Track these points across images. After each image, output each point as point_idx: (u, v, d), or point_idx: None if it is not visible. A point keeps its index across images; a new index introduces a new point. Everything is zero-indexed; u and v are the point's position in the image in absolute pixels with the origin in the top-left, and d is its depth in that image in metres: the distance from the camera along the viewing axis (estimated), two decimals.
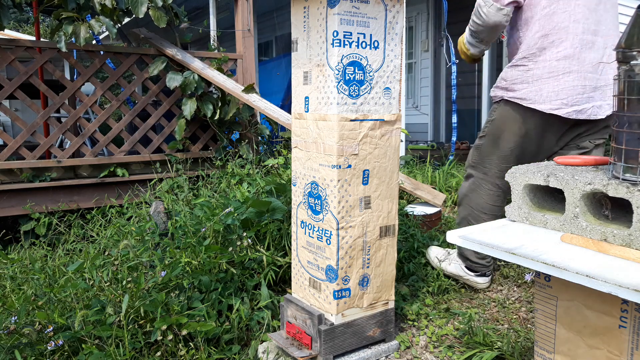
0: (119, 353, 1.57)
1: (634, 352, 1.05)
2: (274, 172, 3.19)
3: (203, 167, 3.76)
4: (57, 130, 3.36)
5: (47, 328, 1.62)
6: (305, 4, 1.57)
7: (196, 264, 1.98)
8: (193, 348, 1.67)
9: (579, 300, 1.13)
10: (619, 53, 1.03)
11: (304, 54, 1.61)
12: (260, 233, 2.30)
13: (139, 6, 3.07)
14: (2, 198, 3.17)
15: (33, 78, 3.28)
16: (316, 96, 1.57)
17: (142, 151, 3.64)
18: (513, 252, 1.06)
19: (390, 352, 1.74)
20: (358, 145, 1.56)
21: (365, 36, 1.52)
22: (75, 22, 3.02)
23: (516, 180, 1.27)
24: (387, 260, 1.71)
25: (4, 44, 3.19)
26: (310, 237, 1.67)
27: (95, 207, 3.38)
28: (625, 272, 0.92)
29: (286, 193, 2.50)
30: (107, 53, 3.54)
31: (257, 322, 1.90)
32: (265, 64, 7.31)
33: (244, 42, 4.04)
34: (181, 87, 3.36)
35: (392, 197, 1.68)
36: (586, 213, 1.11)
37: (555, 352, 1.21)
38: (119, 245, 2.03)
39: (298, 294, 1.77)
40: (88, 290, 1.87)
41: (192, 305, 1.83)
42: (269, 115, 3.17)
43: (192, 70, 3.46)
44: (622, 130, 1.03)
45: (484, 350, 1.72)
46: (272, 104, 3.38)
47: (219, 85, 3.37)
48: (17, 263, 2.42)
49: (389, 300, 1.74)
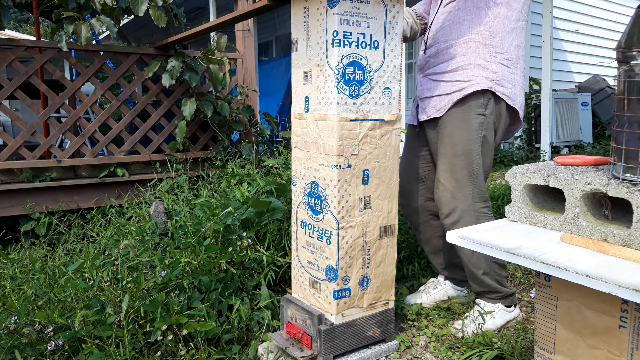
0: (119, 353, 1.57)
1: (634, 352, 1.05)
2: (274, 172, 3.19)
3: (203, 167, 3.76)
4: (57, 130, 3.36)
5: (47, 328, 1.62)
6: (305, 4, 1.57)
7: (196, 264, 1.98)
8: (193, 348, 1.67)
9: (579, 300, 1.13)
10: (619, 53, 1.03)
11: (304, 54, 1.61)
12: (260, 233, 2.30)
13: (139, 5, 3.06)
14: (2, 198, 3.17)
15: (33, 78, 3.28)
16: (316, 96, 1.57)
17: (142, 151, 3.63)
18: (513, 252, 1.06)
19: (390, 352, 1.74)
20: (358, 145, 1.56)
21: (365, 36, 1.52)
22: (76, 21, 3.02)
23: (516, 180, 1.26)
24: (387, 260, 1.71)
25: (4, 44, 3.19)
26: (310, 237, 1.67)
27: (95, 207, 3.38)
28: (625, 272, 0.92)
29: (286, 193, 2.50)
30: (107, 53, 3.53)
31: (257, 322, 1.90)
32: (265, 64, 7.30)
33: (244, 42, 4.04)
34: (169, 74, 3.30)
35: (392, 197, 1.68)
36: (586, 213, 1.11)
37: (555, 352, 1.21)
38: (119, 245, 2.03)
39: (298, 294, 1.77)
40: (88, 290, 1.87)
41: (192, 305, 1.83)
42: None
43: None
44: (622, 130, 1.03)
45: (484, 350, 1.72)
46: None
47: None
48: (17, 263, 2.42)
49: (389, 300, 1.74)
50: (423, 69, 1.98)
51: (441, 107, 1.87)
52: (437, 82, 1.90)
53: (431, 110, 1.91)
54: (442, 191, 1.87)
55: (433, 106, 1.90)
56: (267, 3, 1.84)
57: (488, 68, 1.83)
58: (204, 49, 3.48)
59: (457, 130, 1.84)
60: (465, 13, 1.84)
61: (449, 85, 1.86)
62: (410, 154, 2.11)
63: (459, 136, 1.84)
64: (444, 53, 1.88)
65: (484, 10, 1.82)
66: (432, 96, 1.91)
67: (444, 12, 1.91)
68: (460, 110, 1.84)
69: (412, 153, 2.10)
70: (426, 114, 1.93)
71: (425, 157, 2.07)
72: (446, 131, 1.87)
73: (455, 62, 1.85)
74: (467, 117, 1.84)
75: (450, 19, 1.87)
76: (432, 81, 1.92)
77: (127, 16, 3.38)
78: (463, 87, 1.83)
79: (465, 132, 1.84)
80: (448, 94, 1.86)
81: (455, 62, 1.85)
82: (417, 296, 2.13)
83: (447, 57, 1.87)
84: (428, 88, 1.93)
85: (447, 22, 1.88)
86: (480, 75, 1.82)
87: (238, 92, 3.94)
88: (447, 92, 1.86)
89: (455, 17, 1.86)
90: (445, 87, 1.87)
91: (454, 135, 1.85)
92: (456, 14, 1.86)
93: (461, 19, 1.84)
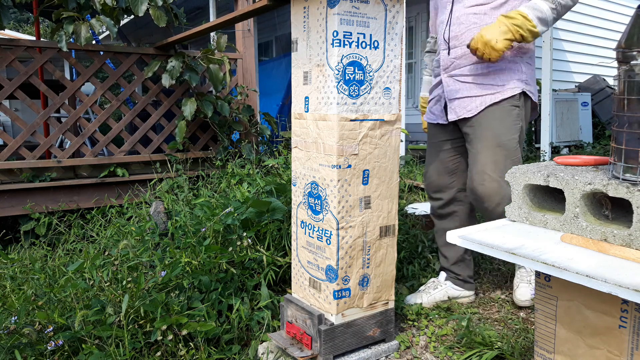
0: (119, 353, 1.57)
1: (634, 352, 1.05)
2: (274, 172, 3.19)
3: (203, 167, 3.76)
4: (57, 130, 3.36)
5: (47, 328, 1.62)
6: (305, 4, 1.57)
7: (196, 264, 1.98)
8: (193, 348, 1.67)
9: (579, 300, 1.13)
10: (619, 53, 1.03)
11: (304, 54, 1.61)
12: (260, 233, 2.30)
13: (139, 5, 3.06)
14: (2, 198, 3.17)
15: (33, 78, 3.28)
16: (316, 96, 1.57)
17: (142, 151, 3.64)
18: (513, 252, 1.06)
19: (390, 352, 1.74)
20: (358, 145, 1.56)
21: (365, 36, 1.52)
22: (76, 21, 3.02)
23: (516, 180, 1.27)
24: (387, 260, 1.71)
25: (4, 44, 3.19)
26: (310, 237, 1.67)
27: (95, 207, 3.38)
28: (625, 272, 0.92)
29: (286, 193, 2.50)
30: (107, 53, 3.54)
31: (257, 322, 1.90)
32: (265, 64, 7.30)
33: (244, 42, 4.04)
34: (169, 74, 3.31)
35: (392, 197, 1.68)
36: (586, 213, 1.11)
37: (555, 352, 1.21)
38: (119, 245, 2.03)
39: (298, 294, 1.77)
40: (88, 290, 1.87)
41: (192, 305, 1.83)
42: None
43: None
44: (622, 130, 1.03)
45: (484, 350, 1.72)
46: None
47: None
48: (17, 263, 2.42)
49: (389, 300, 1.74)
50: (447, 69, 1.99)
51: (472, 108, 1.92)
52: (466, 84, 1.94)
53: (461, 110, 1.95)
54: (490, 182, 1.90)
55: (463, 107, 1.94)
56: (267, 3, 1.84)
57: (519, 70, 1.90)
58: (204, 49, 3.48)
59: (496, 123, 1.89)
60: (492, 19, 1.86)
61: (480, 87, 1.91)
62: (436, 149, 2.14)
63: (499, 128, 1.89)
64: (472, 56, 1.89)
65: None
66: (462, 97, 1.95)
67: (466, 12, 1.91)
68: (496, 106, 1.91)
69: (438, 148, 2.14)
70: (456, 114, 1.97)
71: (452, 150, 2.11)
72: (484, 125, 1.91)
73: (485, 66, 1.89)
74: (505, 109, 1.90)
75: (476, 21, 1.89)
76: (460, 82, 1.95)
77: (127, 16, 3.38)
78: (497, 90, 1.89)
79: (505, 123, 1.90)
80: (480, 96, 1.91)
81: (485, 65, 1.89)
82: (417, 296, 2.14)
83: (475, 59, 1.90)
84: (456, 89, 1.96)
85: (473, 25, 1.89)
86: (513, 78, 1.89)
87: (238, 92, 3.94)
88: (479, 95, 1.91)
89: (481, 20, 1.88)
90: (477, 90, 1.91)
91: (494, 128, 1.89)
92: (482, 18, 1.88)
93: (489, 24, 1.85)
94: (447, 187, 2.14)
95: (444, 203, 2.16)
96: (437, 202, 2.18)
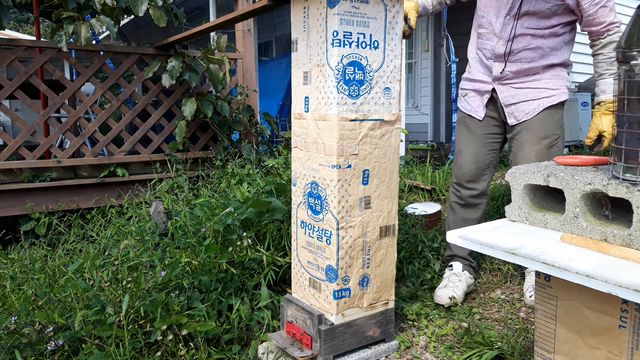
0: (119, 353, 1.57)
1: (634, 352, 1.05)
2: (274, 172, 3.19)
3: (203, 167, 3.76)
4: (57, 130, 3.36)
5: (47, 328, 1.62)
6: (305, 4, 1.57)
7: (196, 264, 1.98)
8: (193, 348, 1.67)
9: (579, 300, 1.13)
10: (619, 53, 1.03)
11: (304, 54, 1.61)
12: (260, 233, 2.30)
13: (139, 5, 3.06)
14: (2, 198, 3.16)
15: (33, 78, 3.28)
16: (316, 96, 1.57)
17: (142, 151, 3.63)
18: (513, 252, 1.06)
19: (390, 352, 1.74)
20: (358, 145, 1.56)
21: (365, 36, 1.52)
22: (76, 21, 3.01)
23: (516, 180, 1.27)
24: (387, 260, 1.71)
25: (4, 44, 3.19)
26: (310, 237, 1.67)
27: (95, 207, 3.37)
28: (625, 272, 0.92)
29: (286, 193, 2.50)
30: (107, 53, 3.53)
31: (257, 322, 1.90)
32: (265, 64, 7.30)
33: (244, 42, 4.03)
34: (169, 74, 3.31)
35: (392, 197, 1.68)
36: (586, 213, 1.11)
37: (555, 352, 1.21)
38: (119, 245, 2.03)
39: (298, 294, 1.77)
40: (88, 290, 1.87)
41: (192, 305, 1.83)
42: None
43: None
44: (622, 130, 1.03)
45: (484, 350, 1.72)
46: None
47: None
48: (17, 263, 2.42)
49: (389, 300, 1.74)
50: (501, 80, 2.16)
51: (530, 111, 2.11)
52: (521, 90, 2.13)
53: (520, 114, 2.14)
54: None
55: (521, 110, 2.13)
56: (267, 3, 1.85)
57: (565, 77, 2.15)
58: (204, 49, 3.47)
59: (547, 121, 2.11)
60: (546, 41, 2.06)
61: (537, 91, 2.11)
62: (478, 142, 2.27)
63: (551, 128, 2.11)
64: (527, 70, 2.11)
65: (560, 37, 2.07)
66: (519, 102, 2.13)
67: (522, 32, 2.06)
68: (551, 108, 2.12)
69: (480, 141, 2.26)
70: (516, 119, 2.15)
71: (493, 144, 2.26)
72: (537, 125, 2.11)
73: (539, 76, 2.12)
74: (557, 111, 2.13)
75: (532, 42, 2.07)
76: (514, 89, 2.14)
77: (127, 16, 3.37)
78: (553, 94, 2.11)
79: (555, 124, 2.13)
80: (537, 99, 2.11)
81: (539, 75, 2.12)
82: (447, 291, 2.17)
83: (530, 72, 2.11)
84: (512, 95, 2.15)
85: (530, 44, 2.07)
86: (563, 85, 2.13)
87: (238, 92, 3.94)
88: (535, 98, 2.11)
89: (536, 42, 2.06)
90: (532, 93, 2.11)
91: (546, 129, 2.11)
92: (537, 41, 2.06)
93: (543, 45, 2.07)
94: (482, 179, 2.27)
95: (478, 193, 2.28)
96: (469, 191, 2.28)
